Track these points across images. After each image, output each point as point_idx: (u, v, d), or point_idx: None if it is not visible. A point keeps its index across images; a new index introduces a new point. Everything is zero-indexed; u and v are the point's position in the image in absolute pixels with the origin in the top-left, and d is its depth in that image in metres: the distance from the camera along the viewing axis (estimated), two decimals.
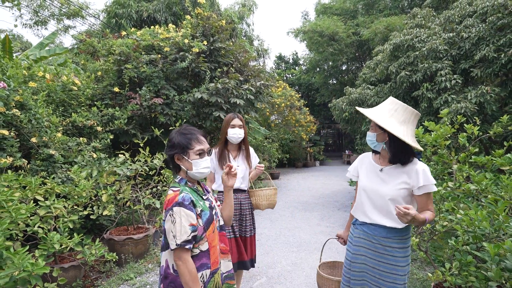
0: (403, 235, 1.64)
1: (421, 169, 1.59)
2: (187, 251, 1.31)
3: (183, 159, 1.45)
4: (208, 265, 1.41)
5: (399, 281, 1.59)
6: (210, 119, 5.45)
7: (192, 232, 1.31)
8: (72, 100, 4.68)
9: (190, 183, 1.48)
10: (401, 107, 1.64)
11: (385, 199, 1.63)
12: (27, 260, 1.66)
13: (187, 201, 1.34)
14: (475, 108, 3.92)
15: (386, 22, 11.54)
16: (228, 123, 2.43)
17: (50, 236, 2.22)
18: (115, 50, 5.28)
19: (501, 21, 4.00)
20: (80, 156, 3.87)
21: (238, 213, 2.47)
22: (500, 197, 2.14)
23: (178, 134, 1.46)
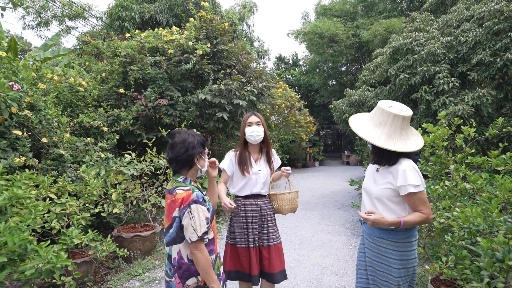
0: (398, 238, 1.63)
1: (402, 169, 1.59)
2: (203, 241, 1.48)
3: (201, 158, 1.62)
4: (213, 251, 1.61)
5: (392, 281, 1.62)
6: (213, 120, 5.57)
7: (207, 224, 1.49)
8: (79, 101, 4.79)
9: (193, 181, 1.61)
10: (378, 111, 1.68)
11: (371, 198, 1.71)
12: (51, 253, 1.77)
13: (200, 198, 1.50)
14: (472, 110, 4.04)
15: (386, 24, 11.68)
16: (245, 122, 2.25)
17: (69, 231, 2.33)
18: (120, 52, 5.39)
19: (497, 26, 4.13)
20: (88, 156, 3.98)
21: (258, 220, 2.24)
22: (494, 196, 2.26)
23: (193, 136, 1.60)
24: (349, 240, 4.46)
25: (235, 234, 2.25)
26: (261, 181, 2.25)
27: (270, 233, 2.24)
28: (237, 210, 2.26)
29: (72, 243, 2.30)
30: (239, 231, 2.24)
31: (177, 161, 1.56)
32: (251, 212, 2.24)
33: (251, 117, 2.24)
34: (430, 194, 2.50)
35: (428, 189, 2.69)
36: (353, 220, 5.53)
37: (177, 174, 1.60)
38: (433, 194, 2.46)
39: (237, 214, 2.27)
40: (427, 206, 1.59)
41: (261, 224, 2.25)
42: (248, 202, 2.26)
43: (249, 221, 2.23)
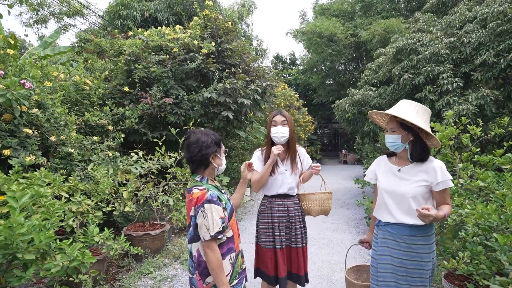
0: (426, 232, 1.70)
1: (438, 166, 1.67)
2: (216, 241, 1.49)
3: (216, 156, 1.62)
4: (233, 249, 1.61)
5: (425, 275, 1.66)
6: (218, 119, 5.57)
7: (222, 224, 1.48)
8: (84, 100, 4.77)
9: (210, 180, 1.62)
10: (421, 108, 1.72)
11: (406, 197, 1.68)
12: (76, 251, 1.78)
13: (215, 197, 1.50)
14: (476, 110, 4.12)
15: (384, 24, 11.77)
16: (270, 120, 2.18)
17: (90, 229, 2.33)
18: (125, 50, 5.37)
19: (500, 27, 4.21)
20: (95, 155, 3.97)
21: (286, 221, 2.18)
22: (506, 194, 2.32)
23: (208, 135, 1.60)
24: (354, 238, 4.51)
25: (260, 234, 2.22)
26: (287, 181, 2.19)
27: (298, 234, 2.19)
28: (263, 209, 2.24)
29: (93, 241, 2.30)
30: (264, 231, 2.20)
31: (192, 161, 1.58)
32: (277, 212, 2.19)
33: (276, 116, 2.17)
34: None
35: None
36: (357, 218, 5.59)
37: (195, 173, 1.63)
38: None
39: (263, 213, 2.23)
40: (449, 197, 1.72)
41: (288, 225, 2.19)
42: (275, 202, 2.21)
43: (275, 221, 2.18)
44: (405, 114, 1.67)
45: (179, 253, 3.88)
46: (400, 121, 1.73)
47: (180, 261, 3.67)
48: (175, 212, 4.12)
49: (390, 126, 1.78)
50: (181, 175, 4.47)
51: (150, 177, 4.22)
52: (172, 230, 4.69)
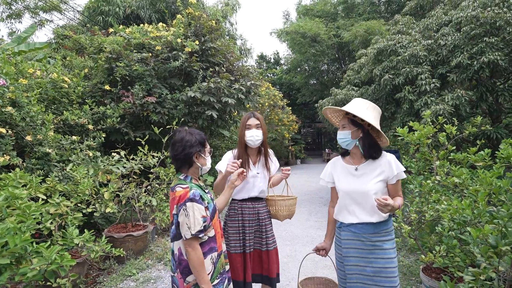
0: (388, 228, 1.73)
1: (392, 159, 1.72)
2: (198, 240, 1.50)
3: (200, 156, 1.63)
4: (215, 248, 1.61)
5: (393, 274, 1.66)
6: (202, 118, 5.53)
7: (203, 222, 1.49)
8: (63, 98, 4.61)
9: (194, 179, 1.64)
10: (371, 106, 1.75)
11: (368, 195, 1.67)
12: (54, 254, 1.72)
13: (197, 196, 1.51)
14: (451, 110, 4.29)
15: (366, 25, 12.05)
16: (244, 124, 2.13)
17: (69, 231, 2.26)
18: (105, 47, 5.23)
19: (473, 31, 4.40)
20: (75, 155, 3.84)
21: (256, 224, 2.17)
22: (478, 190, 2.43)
23: (192, 134, 1.61)
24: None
25: (229, 239, 2.14)
26: (259, 184, 2.17)
27: (269, 237, 2.18)
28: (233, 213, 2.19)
29: (73, 244, 2.23)
30: (234, 236, 2.14)
31: (176, 159, 1.59)
32: (248, 216, 2.16)
33: (250, 119, 2.12)
34: (421, 188, 2.65)
35: (417, 184, 2.85)
36: None
37: (179, 172, 1.64)
38: (424, 188, 2.60)
39: (233, 218, 2.18)
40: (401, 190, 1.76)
41: (258, 228, 2.18)
42: (245, 205, 2.17)
43: (246, 225, 2.14)
44: (355, 110, 1.70)
45: (162, 254, 3.82)
46: (351, 118, 1.76)
47: (164, 262, 3.62)
48: (158, 212, 4.06)
49: (342, 123, 1.80)
50: (164, 175, 4.40)
51: (132, 177, 4.14)
52: (156, 231, 4.62)
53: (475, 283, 1.53)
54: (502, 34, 4.29)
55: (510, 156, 2.89)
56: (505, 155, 2.90)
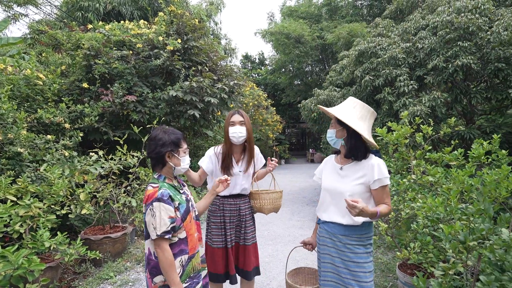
0: (362, 234, 1.67)
1: (376, 163, 1.66)
2: (166, 241, 1.47)
3: (173, 156, 1.60)
4: (186, 251, 1.57)
5: (364, 279, 1.61)
6: (184, 117, 5.46)
7: (171, 223, 1.46)
8: (37, 96, 4.43)
9: (168, 179, 1.62)
10: (359, 104, 1.72)
11: (343, 196, 1.63)
12: (21, 258, 1.64)
13: (166, 196, 1.48)
14: (428, 111, 4.43)
15: (349, 28, 12.27)
16: (228, 121, 2.15)
17: (39, 234, 2.16)
18: (83, 44, 5.07)
19: (448, 35, 4.56)
20: (49, 155, 3.70)
21: (237, 220, 2.22)
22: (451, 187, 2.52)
23: (166, 133, 1.58)
24: None
25: (212, 234, 2.21)
26: (241, 182, 2.20)
27: (248, 233, 2.23)
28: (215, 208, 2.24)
29: (43, 247, 2.14)
30: (216, 231, 2.20)
31: (150, 157, 1.59)
32: (229, 212, 2.21)
33: (234, 116, 2.15)
34: (398, 187, 2.72)
35: (394, 183, 2.92)
36: None
37: (154, 170, 1.64)
38: (400, 187, 2.67)
39: (215, 213, 2.22)
40: (390, 198, 1.70)
41: (239, 224, 2.23)
42: (227, 201, 2.22)
43: (227, 221, 2.20)
44: (339, 109, 1.69)
45: (142, 256, 3.74)
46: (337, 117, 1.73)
47: (143, 264, 3.55)
48: (138, 213, 3.97)
49: (332, 121, 1.81)
50: (144, 175, 4.31)
51: (111, 178, 4.03)
52: (135, 232, 4.52)
53: (445, 277, 1.58)
54: (475, 39, 4.47)
55: (481, 155, 3.02)
56: (476, 154, 3.03)
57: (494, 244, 1.44)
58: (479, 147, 3.08)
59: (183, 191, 1.68)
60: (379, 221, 2.65)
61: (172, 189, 1.57)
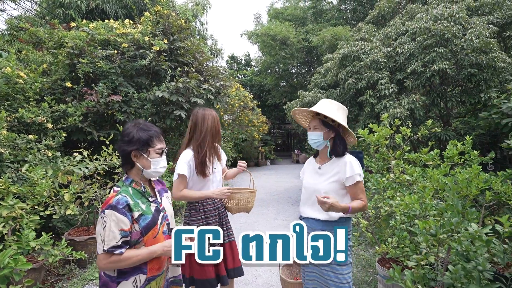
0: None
1: (348, 161, 1.75)
2: (115, 256, 1.26)
3: (141, 156, 1.37)
4: (143, 270, 1.35)
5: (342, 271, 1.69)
6: (170, 118, 5.46)
7: (122, 237, 1.26)
8: (17, 94, 4.33)
9: (136, 183, 1.40)
10: (340, 107, 1.80)
11: (320, 193, 1.71)
12: (7, 257, 1.64)
13: (121, 204, 1.28)
14: (407, 113, 4.63)
15: (333, 31, 12.54)
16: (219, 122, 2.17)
17: (24, 234, 2.14)
18: (67, 42, 4.98)
19: (426, 41, 4.79)
20: (31, 155, 3.63)
21: (218, 218, 2.21)
22: (426, 185, 2.67)
23: (138, 129, 1.37)
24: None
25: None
26: (217, 179, 2.21)
27: (229, 229, 2.24)
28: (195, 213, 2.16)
29: (29, 247, 2.12)
30: None
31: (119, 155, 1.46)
32: (210, 212, 2.18)
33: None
34: (377, 186, 2.85)
35: (374, 182, 3.05)
36: None
37: (124, 171, 1.43)
38: (379, 186, 2.80)
39: (196, 217, 2.15)
40: (365, 194, 1.78)
41: (220, 222, 2.21)
42: (206, 202, 2.17)
43: (210, 222, 2.16)
44: (327, 111, 1.74)
45: None
46: (322, 119, 1.79)
47: None
48: None
49: (313, 124, 1.81)
50: None
51: (96, 178, 3.99)
52: None
53: (417, 268, 1.70)
54: (450, 46, 4.72)
55: (454, 155, 3.21)
56: (450, 155, 3.21)
57: (462, 237, 1.57)
58: (453, 148, 3.27)
59: (154, 200, 1.44)
60: (359, 218, 2.77)
61: (136, 196, 1.36)
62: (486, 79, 4.48)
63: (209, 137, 2.11)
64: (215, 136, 2.14)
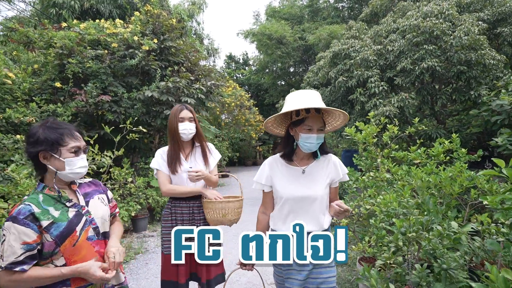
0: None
1: (336, 161, 1.57)
2: (17, 274, 1.14)
3: (52, 157, 1.24)
4: (66, 283, 1.22)
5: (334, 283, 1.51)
6: (160, 117, 5.46)
7: (25, 251, 1.13)
8: (5, 95, 4.33)
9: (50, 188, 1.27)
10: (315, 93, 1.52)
11: (316, 201, 1.49)
12: None
13: (23, 215, 1.14)
14: (397, 111, 4.62)
15: (329, 29, 12.53)
16: (176, 116, 2.01)
17: None
18: (56, 42, 4.98)
19: (415, 38, 4.78)
20: (18, 155, 3.63)
21: (190, 224, 2.01)
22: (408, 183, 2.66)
23: (45, 128, 1.23)
24: None
25: (163, 240, 2.05)
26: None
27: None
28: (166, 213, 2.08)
29: None
30: (168, 237, 1.99)
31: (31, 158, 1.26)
32: (180, 215, 2.03)
33: (183, 112, 2.02)
34: (358, 184, 2.85)
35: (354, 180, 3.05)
36: None
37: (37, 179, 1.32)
38: (360, 184, 2.79)
39: (166, 217, 2.05)
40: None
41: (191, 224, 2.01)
42: (178, 204, 2.04)
43: (179, 225, 2.00)
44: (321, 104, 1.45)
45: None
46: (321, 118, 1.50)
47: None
48: None
49: (319, 125, 1.47)
50: (119, 175, 4.30)
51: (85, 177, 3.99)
52: None
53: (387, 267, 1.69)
54: (439, 43, 4.70)
55: (439, 153, 3.20)
56: (436, 153, 3.20)
57: (431, 235, 1.56)
58: (438, 146, 3.26)
59: (74, 204, 1.29)
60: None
61: (48, 203, 1.23)
62: (475, 76, 4.46)
63: (169, 133, 2.06)
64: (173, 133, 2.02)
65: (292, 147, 1.55)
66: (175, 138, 2.02)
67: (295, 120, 1.49)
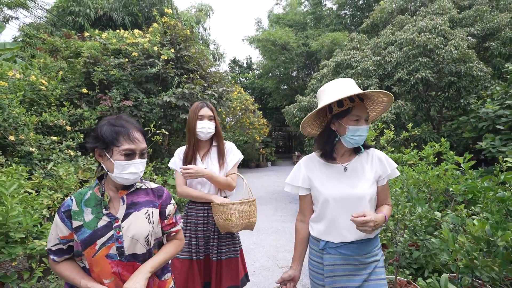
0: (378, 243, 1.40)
1: (382, 155, 1.39)
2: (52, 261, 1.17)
3: (105, 156, 1.15)
4: None
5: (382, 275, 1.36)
6: (176, 121, 5.93)
7: (57, 244, 1.14)
8: (41, 100, 4.81)
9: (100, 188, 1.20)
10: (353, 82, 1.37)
11: (364, 201, 1.30)
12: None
13: (64, 208, 1.15)
14: (394, 117, 5.07)
15: (332, 36, 13.02)
16: (196, 114, 1.90)
17: None
18: (83, 52, 5.47)
19: (411, 51, 5.24)
20: (55, 154, 4.10)
21: (205, 229, 1.91)
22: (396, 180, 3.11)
23: (108, 124, 1.16)
24: None
25: None
26: (207, 181, 1.90)
27: (222, 245, 1.89)
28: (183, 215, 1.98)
29: None
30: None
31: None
32: (195, 219, 1.93)
33: (203, 109, 1.90)
34: None
35: None
36: None
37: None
38: None
39: (183, 219, 1.97)
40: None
41: (208, 234, 1.91)
42: (194, 206, 1.95)
43: (192, 229, 1.92)
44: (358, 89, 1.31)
45: None
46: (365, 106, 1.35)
47: None
48: None
49: (366, 115, 1.32)
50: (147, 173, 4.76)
51: None
52: None
53: None
54: (433, 56, 5.16)
55: (429, 155, 3.65)
56: (425, 154, 3.65)
57: (413, 217, 2.00)
58: (429, 149, 3.71)
59: (108, 213, 1.17)
60: None
61: (89, 203, 1.17)
62: (465, 86, 4.92)
63: (187, 131, 1.97)
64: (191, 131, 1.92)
65: (333, 144, 1.37)
66: (192, 136, 1.92)
67: (337, 112, 1.32)
